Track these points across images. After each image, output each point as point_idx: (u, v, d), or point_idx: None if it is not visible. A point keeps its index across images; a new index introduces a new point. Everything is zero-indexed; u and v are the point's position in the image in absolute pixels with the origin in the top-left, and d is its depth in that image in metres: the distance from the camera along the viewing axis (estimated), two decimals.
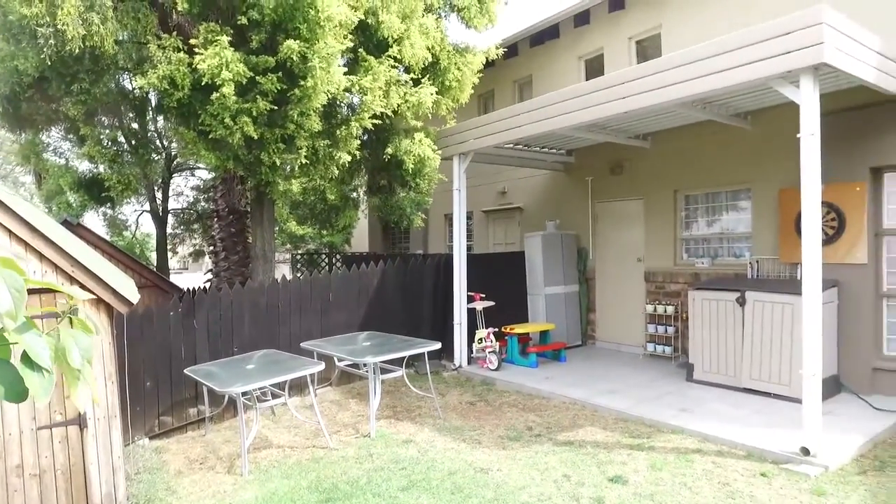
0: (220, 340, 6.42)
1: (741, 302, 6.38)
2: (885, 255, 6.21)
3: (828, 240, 6.29)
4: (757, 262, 7.18)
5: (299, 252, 14.77)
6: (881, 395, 6.00)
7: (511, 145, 8.40)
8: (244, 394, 5.13)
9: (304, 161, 6.36)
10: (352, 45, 6.43)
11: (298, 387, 6.72)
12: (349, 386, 7.54)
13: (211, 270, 9.68)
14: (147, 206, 12.96)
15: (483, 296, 8.56)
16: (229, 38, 5.73)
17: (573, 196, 9.86)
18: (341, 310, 7.54)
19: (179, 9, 6.10)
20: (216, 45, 5.66)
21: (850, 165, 6.16)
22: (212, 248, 9.55)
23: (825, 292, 5.68)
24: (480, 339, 8.20)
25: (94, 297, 3.95)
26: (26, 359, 1.56)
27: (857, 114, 6.04)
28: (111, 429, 4.42)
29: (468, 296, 8.44)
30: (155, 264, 13.17)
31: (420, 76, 7.21)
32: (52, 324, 1.62)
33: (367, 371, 6.00)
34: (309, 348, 6.48)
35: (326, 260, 14.38)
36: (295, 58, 5.89)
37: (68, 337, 1.64)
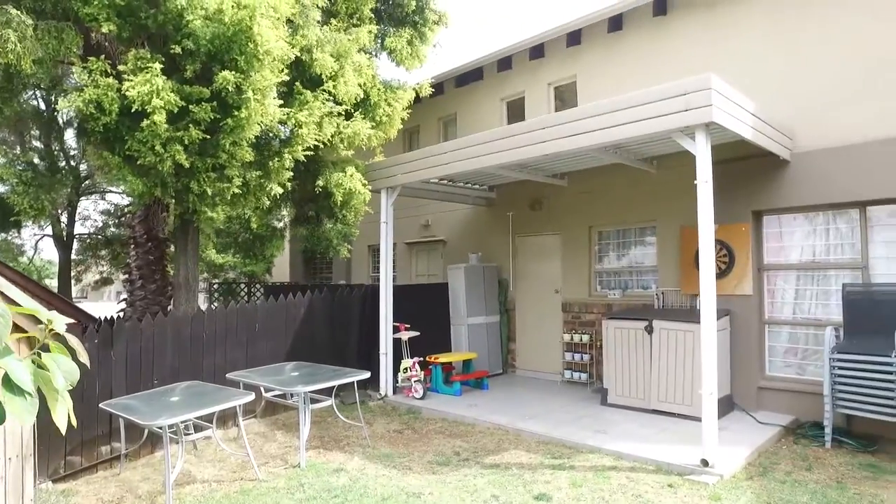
0: (138, 373, 6.16)
1: (649, 330, 6.98)
2: (765, 287, 7.07)
3: (720, 274, 7.07)
4: (662, 293, 7.89)
5: (217, 281, 14.26)
6: (765, 410, 6.76)
7: (437, 180, 8.77)
8: (168, 427, 4.98)
9: (235, 191, 6.35)
10: (288, 78, 6.57)
11: (222, 419, 6.54)
12: (274, 417, 7.41)
13: (125, 300, 9.21)
14: (49, 230, 12.10)
15: (408, 326, 8.75)
16: (161, 66, 5.70)
17: (495, 230, 10.34)
18: (268, 340, 7.46)
19: (104, 30, 5.98)
20: (147, 73, 5.61)
21: (737, 208, 7.01)
22: (127, 276, 9.12)
23: (719, 320, 6.37)
24: (406, 369, 8.35)
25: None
26: (7, 383, 1.62)
27: (741, 164, 6.91)
28: (24, 469, 4.18)
29: (394, 326, 8.59)
30: (56, 292, 12.28)
31: (352, 110, 7.43)
32: None
33: (296, 401, 5.99)
34: (235, 379, 6.36)
35: (246, 289, 14.00)
36: (230, 88, 5.95)
37: (51, 361, 1.70)
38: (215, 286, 13.99)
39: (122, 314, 8.97)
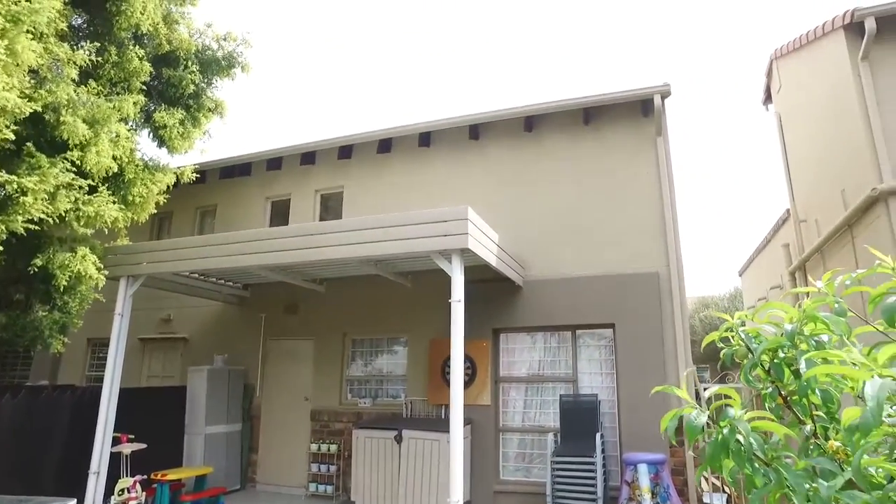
0: None
1: (398, 440, 7.14)
2: (501, 397, 7.93)
3: (464, 385, 7.71)
4: (411, 402, 8.23)
5: None
6: None
7: (188, 273, 8.05)
8: None
9: None
10: (14, 137, 5.57)
11: None
12: None
13: None
14: None
15: (132, 436, 7.47)
16: None
17: (245, 331, 9.73)
18: None
19: None
20: None
21: (481, 325, 7.88)
22: None
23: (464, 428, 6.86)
24: (122, 490, 7.00)
25: None
26: None
27: (485, 286, 7.87)
28: None
29: (114, 437, 7.25)
30: None
31: (100, 184, 6.55)
32: None
33: None
34: None
35: None
36: None
37: None
38: None
39: None
